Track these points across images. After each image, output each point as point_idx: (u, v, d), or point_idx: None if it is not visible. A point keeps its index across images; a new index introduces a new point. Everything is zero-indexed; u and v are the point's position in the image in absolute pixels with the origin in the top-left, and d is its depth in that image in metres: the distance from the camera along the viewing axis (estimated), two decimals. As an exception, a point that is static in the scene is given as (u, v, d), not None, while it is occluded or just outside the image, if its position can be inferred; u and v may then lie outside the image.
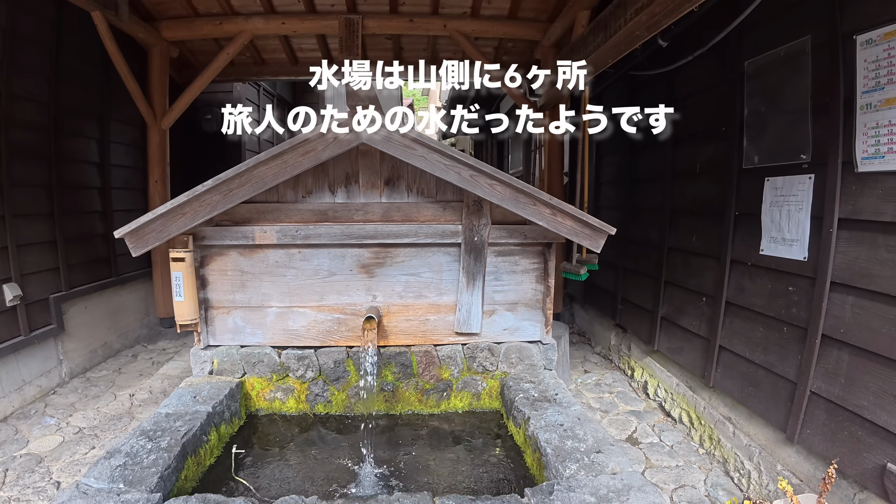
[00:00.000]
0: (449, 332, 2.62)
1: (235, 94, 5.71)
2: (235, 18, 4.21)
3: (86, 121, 4.25)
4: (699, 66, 3.22)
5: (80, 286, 4.16)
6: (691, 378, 3.29)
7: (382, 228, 2.45)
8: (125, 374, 4.22)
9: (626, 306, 4.13)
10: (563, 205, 2.30)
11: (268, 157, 2.22)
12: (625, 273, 4.13)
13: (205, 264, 2.58)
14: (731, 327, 2.92)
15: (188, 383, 2.59)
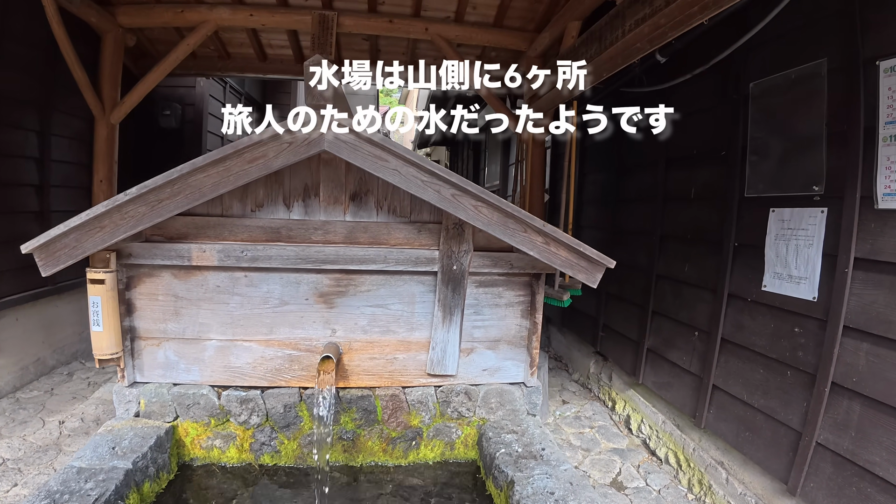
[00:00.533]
0: (420, 372, 2.18)
1: (198, 89, 5.12)
2: (199, 7, 3.68)
3: (25, 110, 3.64)
4: (698, 85, 2.91)
5: (10, 296, 3.53)
6: (679, 416, 2.94)
7: (346, 252, 2.00)
8: (57, 397, 3.60)
9: (607, 334, 3.78)
10: (557, 233, 1.90)
11: (206, 162, 1.74)
12: (607, 298, 3.78)
13: (132, 287, 2.07)
14: (727, 366, 2.59)
15: (108, 428, 2.09)
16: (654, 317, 3.20)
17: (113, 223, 1.80)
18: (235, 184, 1.79)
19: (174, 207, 1.81)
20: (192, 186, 1.78)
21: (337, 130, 1.74)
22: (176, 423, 2.17)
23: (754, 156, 2.50)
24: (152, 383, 2.17)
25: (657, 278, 3.17)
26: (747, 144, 2.52)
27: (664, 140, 3.16)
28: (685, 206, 2.98)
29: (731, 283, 2.58)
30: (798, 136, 2.24)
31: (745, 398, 2.42)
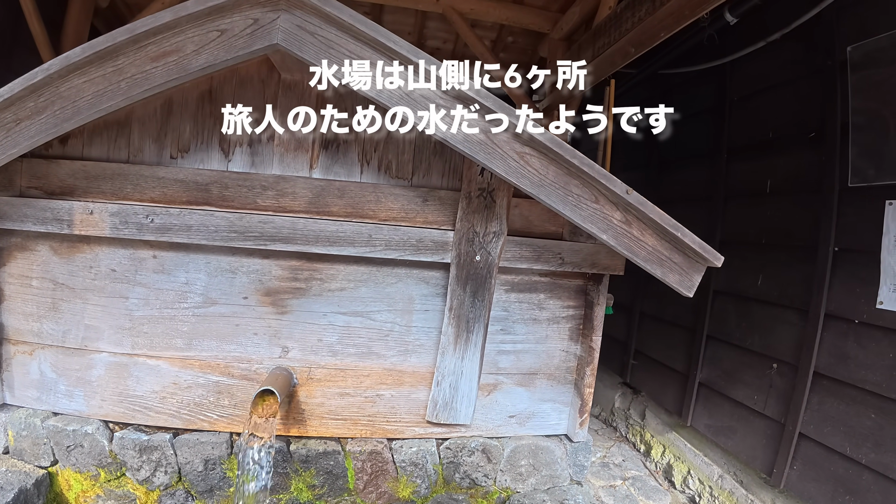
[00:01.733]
0: (416, 418, 1.33)
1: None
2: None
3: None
4: (773, 55, 2.17)
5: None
6: (745, 470, 2.10)
7: (309, 225, 1.18)
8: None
9: (641, 361, 2.93)
10: (645, 205, 1.10)
11: (85, 55, 0.95)
12: (641, 318, 2.95)
13: (0, 263, 1.24)
14: (822, 409, 1.80)
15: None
16: (709, 342, 2.37)
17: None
18: (129, 94, 0.99)
19: (37, 132, 1.02)
20: (65, 98, 0.99)
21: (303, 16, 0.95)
22: (54, 470, 1.33)
23: (860, 135, 1.79)
24: (24, 409, 1.33)
25: (715, 294, 2.36)
26: (848, 121, 1.79)
27: (725, 125, 2.42)
28: (757, 204, 2.20)
29: (829, 300, 1.82)
30: None
31: (848, 451, 1.70)
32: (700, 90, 2.62)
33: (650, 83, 2.97)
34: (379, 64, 0.99)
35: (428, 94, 1.00)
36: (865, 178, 1.76)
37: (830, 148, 1.85)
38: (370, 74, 0.99)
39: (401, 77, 0.99)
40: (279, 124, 1.12)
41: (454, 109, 1.01)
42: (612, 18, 2.44)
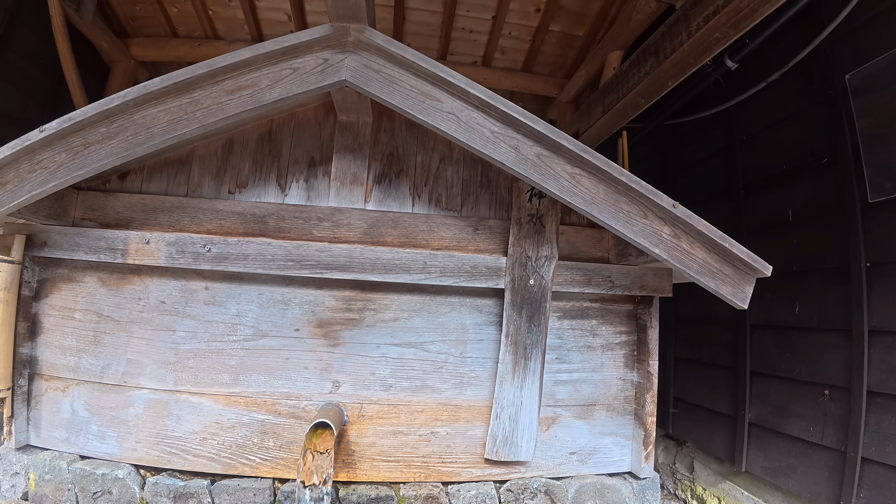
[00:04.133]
0: (474, 458, 1.25)
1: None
2: (217, 43, 3.24)
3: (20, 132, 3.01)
4: (773, 93, 2.32)
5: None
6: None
7: (364, 254, 1.19)
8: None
9: (682, 409, 2.78)
10: (692, 218, 1.12)
11: (163, 85, 1.02)
12: (676, 364, 2.85)
13: (42, 295, 1.25)
14: (881, 428, 1.70)
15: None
16: (753, 378, 2.27)
17: (18, 177, 1.06)
18: (203, 123, 1.05)
19: (106, 155, 1.06)
20: (137, 124, 1.05)
21: (368, 57, 1.04)
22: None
23: (871, 153, 1.85)
24: (50, 451, 1.26)
25: (752, 329, 2.30)
26: (858, 141, 1.87)
27: (738, 164, 2.52)
28: (781, 234, 2.22)
29: (870, 316, 1.77)
30: None
31: None
32: (708, 134, 2.76)
33: (659, 133, 3.12)
34: (433, 92, 1.06)
35: (484, 121, 1.06)
36: (884, 191, 1.80)
37: (845, 169, 1.91)
38: (424, 103, 1.06)
39: (453, 107, 1.05)
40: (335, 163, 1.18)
41: (507, 133, 1.06)
42: (619, 76, 2.65)
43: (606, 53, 2.88)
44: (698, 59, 2.06)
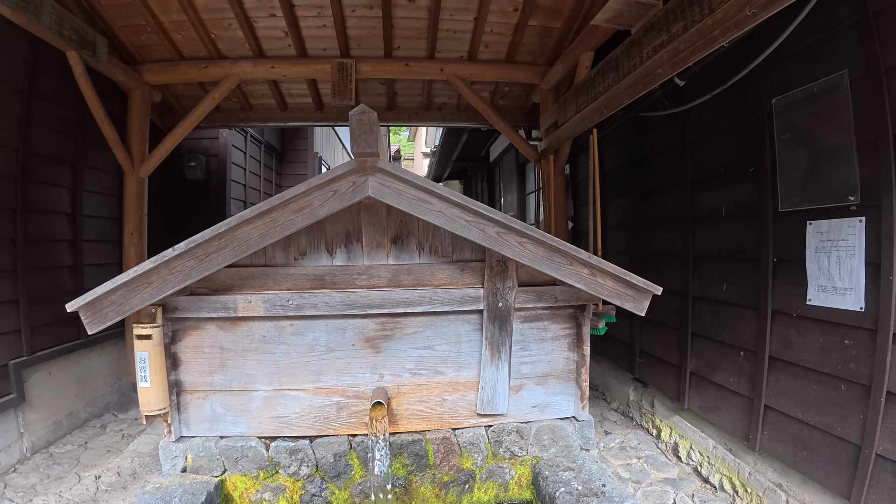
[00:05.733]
0: (470, 413, 2.13)
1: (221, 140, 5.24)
2: (222, 62, 3.81)
3: (58, 168, 3.73)
4: (717, 105, 2.92)
5: (44, 350, 3.54)
6: (731, 440, 2.82)
7: (390, 296, 1.98)
8: (91, 450, 3.55)
9: (644, 359, 3.68)
10: (603, 263, 1.88)
11: (253, 214, 1.75)
12: (641, 323, 3.70)
13: (177, 340, 2.06)
14: (778, 385, 2.50)
15: (156, 486, 2.03)
16: (694, 339, 3.12)
17: (161, 278, 1.80)
18: (282, 234, 1.79)
19: (221, 260, 1.81)
20: (238, 239, 1.79)
21: (382, 178, 1.75)
22: (224, 478, 2.12)
23: (785, 170, 2.47)
24: (199, 437, 2.13)
25: (694, 300, 3.10)
26: (776, 159, 2.50)
27: (688, 161, 3.16)
28: (717, 226, 2.94)
29: (774, 300, 2.52)
30: (827, 148, 2.22)
31: (800, 416, 2.34)
32: (669, 131, 3.36)
33: (632, 123, 3.70)
34: (428, 198, 1.78)
35: (461, 214, 1.79)
36: (791, 204, 2.45)
37: (764, 181, 2.56)
38: (421, 206, 1.78)
39: (441, 207, 1.78)
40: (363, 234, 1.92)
41: (477, 221, 1.80)
42: (588, 81, 3.24)
43: (579, 54, 3.43)
44: (647, 86, 2.65)
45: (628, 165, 3.80)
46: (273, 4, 3.36)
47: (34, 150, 3.43)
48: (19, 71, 3.30)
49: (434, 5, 3.37)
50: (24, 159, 3.32)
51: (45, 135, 3.55)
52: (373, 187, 1.77)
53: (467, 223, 1.79)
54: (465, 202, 1.78)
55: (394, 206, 1.81)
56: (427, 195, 1.77)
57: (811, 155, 2.30)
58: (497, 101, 4.52)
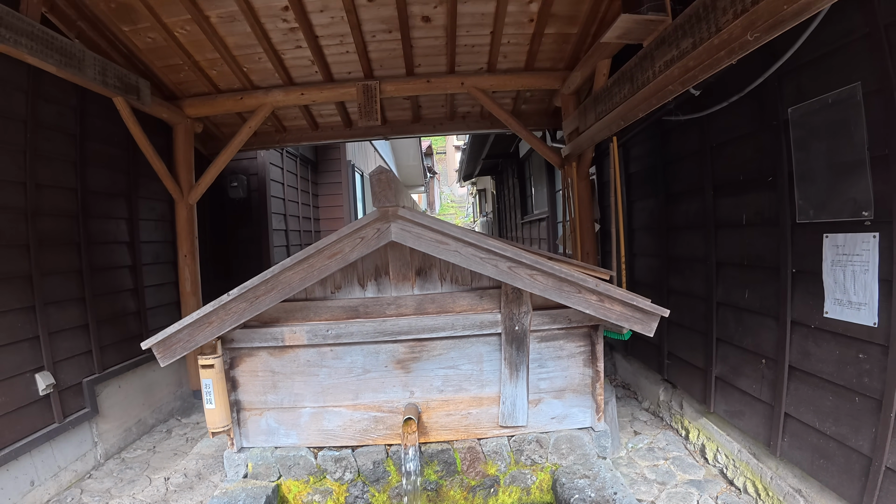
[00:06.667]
0: (493, 425, 2.42)
1: (259, 159, 5.71)
2: (255, 93, 4.19)
3: (114, 202, 4.26)
4: (735, 112, 3.01)
5: (113, 366, 4.12)
6: (755, 445, 2.98)
7: (417, 322, 2.29)
8: (159, 454, 4.11)
9: (673, 361, 3.85)
10: (610, 290, 2.10)
11: (294, 262, 2.10)
12: (668, 325, 3.85)
13: (234, 366, 2.46)
14: (797, 394, 2.63)
15: (223, 490, 2.45)
16: (718, 344, 3.27)
17: (219, 319, 2.19)
18: (319, 277, 2.13)
19: (269, 301, 2.17)
20: (282, 283, 2.14)
21: (402, 224, 2.05)
22: (279, 482, 2.52)
23: (802, 181, 2.54)
24: (257, 447, 2.53)
25: (717, 305, 3.24)
26: (793, 170, 2.57)
27: (708, 167, 3.27)
28: (738, 233, 3.05)
29: (793, 310, 2.62)
30: (842, 161, 2.29)
31: (818, 425, 2.45)
32: (690, 136, 3.46)
33: (655, 126, 3.80)
34: (444, 239, 2.07)
35: (475, 252, 2.06)
36: (808, 216, 2.54)
37: (782, 191, 2.65)
38: (439, 246, 2.07)
39: (456, 247, 2.06)
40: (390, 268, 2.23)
41: (490, 258, 2.07)
42: (606, 90, 3.39)
43: (596, 62, 3.57)
44: (660, 101, 2.77)
45: (652, 168, 3.92)
46: (298, 37, 3.69)
47: (91, 188, 3.93)
48: (70, 118, 3.77)
49: (450, 23, 3.59)
50: (83, 197, 3.83)
51: (99, 173, 4.05)
52: (395, 233, 2.07)
53: (481, 260, 2.07)
54: (478, 241, 2.05)
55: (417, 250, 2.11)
56: (444, 237, 2.05)
57: (826, 167, 2.38)
58: (520, 105, 4.70)
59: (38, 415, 3.34)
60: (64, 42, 3.05)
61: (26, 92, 3.38)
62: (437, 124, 4.91)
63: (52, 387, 3.43)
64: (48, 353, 3.46)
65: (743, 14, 2.01)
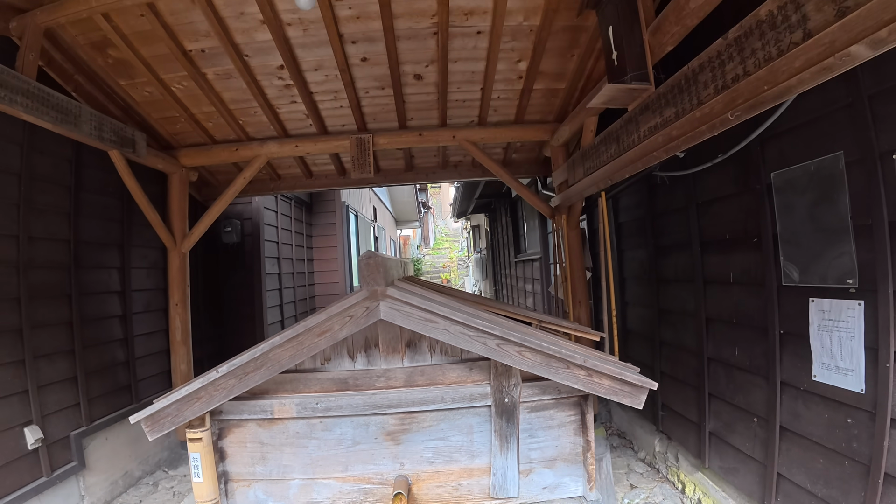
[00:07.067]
0: (484, 496, 2.39)
1: (254, 204, 5.76)
2: (251, 144, 4.25)
3: (106, 251, 4.25)
4: (719, 173, 3.07)
5: (100, 418, 4.06)
6: (750, 502, 2.96)
7: (406, 395, 2.29)
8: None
9: (667, 413, 3.83)
10: (598, 365, 2.11)
11: (283, 340, 2.10)
12: (662, 377, 3.85)
13: (223, 437, 2.43)
14: (789, 455, 2.63)
15: (210, 565, 2.39)
16: (711, 399, 3.26)
17: (208, 394, 2.17)
18: (308, 354, 2.13)
19: (258, 378, 2.17)
20: (272, 360, 2.14)
21: (391, 303, 2.06)
22: (267, 554, 2.47)
23: (786, 245, 2.58)
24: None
25: (709, 360, 3.25)
26: (778, 234, 2.61)
27: (695, 223, 3.32)
28: (726, 290, 3.09)
29: (782, 371, 2.64)
30: (825, 228, 2.33)
31: (809, 487, 2.45)
32: (676, 192, 3.52)
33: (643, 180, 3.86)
34: (433, 318, 2.08)
35: (464, 331, 2.08)
36: (792, 279, 2.57)
37: (767, 253, 2.68)
38: (428, 325, 2.08)
39: (445, 325, 2.07)
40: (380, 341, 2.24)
41: (478, 335, 2.08)
42: (593, 148, 3.46)
43: (583, 119, 3.65)
44: (645, 165, 2.83)
45: (641, 220, 3.97)
46: (293, 93, 3.77)
47: (84, 238, 3.93)
48: (64, 170, 3.79)
49: (441, 81, 3.68)
50: (75, 248, 3.83)
51: (93, 223, 4.05)
52: (384, 311, 2.08)
53: (469, 337, 2.08)
54: (466, 320, 2.06)
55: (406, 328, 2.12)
56: (432, 315, 2.07)
57: (811, 233, 2.42)
58: (510, 154, 4.78)
59: (26, 469, 3.29)
60: (60, 99, 3.07)
61: (21, 145, 3.40)
62: (429, 173, 4.98)
63: (41, 441, 3.38)
64: (37, 407, 3.42)
65: (724, 90, 2.08)
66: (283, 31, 3.20)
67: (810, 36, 1.60)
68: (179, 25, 3.19)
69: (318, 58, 3.42)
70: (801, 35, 1.66)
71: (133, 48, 3.30)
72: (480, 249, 12.96)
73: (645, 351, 4.11)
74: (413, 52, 3.40)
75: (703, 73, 2.22)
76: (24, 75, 2.82)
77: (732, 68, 2.02)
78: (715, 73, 2.14)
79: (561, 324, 2.96)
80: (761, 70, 1.84)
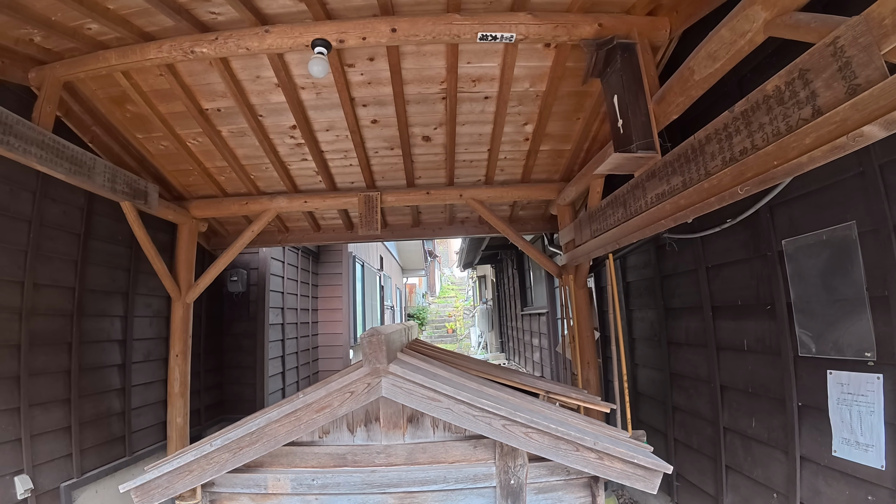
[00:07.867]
0: (491, 583, 2.21)
1: (261, 255, 5.76)
2: (261, 198, 4.29)
3: (111, 299, 4.21)
4: (729, 237, 3.02)
5: (92, 470, 3.91)
6: (775, 589, 2.72)
7: (407, 474, 2.15)
8: (135, 573, 3.79)
9: (682, 483, 3.62)
10: (610, 448, 1.99)
11: (281, 416, 2.01)
12: (676, 445, 3.67)
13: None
14: None
15: None
16: (728, 472, 3.08)
17: (200, 468, 2.06)
18: (306, 430, 2.03)
19: (253, 453, 2.06)
20: (268, 435, 2.04)
21: (392, 380, 1.98)
22: None
23: (801, 314, 2.49)
24: None
25: (725, 430, 3.09)
26: (791, 302, 2.52)
27: (705, 287, 3.24)
28: (740, 358, 2.97)
29: (801, 446, 2.50)
30: (840, 299, 2.24)
31: None
32: (685, 254, 3.46)
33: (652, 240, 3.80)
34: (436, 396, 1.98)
35: (468, 410, 1.97)
36: (809, 350, 2.46)
37: (782, 321, 2.59)
38: (430, 403, 1.98)
39: (448, 404, 1.97)
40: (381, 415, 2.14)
41: (482, 416, 1.97)
42: (600, 210, 3.43)
43: (590, 180, 3.64)
44: (653, 231, 2.78)
45: (650, 280, 3.90)
46: (304, 151, 3.82)
47: (89, 286, 3.90)
48: (76, 217, 3.80)
49: (450, 142, 3.72)
50: (79, 296, 3.79)
51: (99, 270, 4.02)
52: (385, 388, 1.99)
53: (474, 417, 1.97)
54: (470, 400, 1.96)
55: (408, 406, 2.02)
56: (435, 394, 1.97)
57: (825, 303, 2.33)
58: (517, 212, 4.79)
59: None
60: (75, 151, 3.09)
61: (34, 192, 3.42)
62: (436, 229, 4.98)
63: (31, 491, 3.26)
64: (28, 457, 3.31)
65: (732, 163, 2.05)
66: (296, 94, 3.27)
67: (820, 113, 1.58)
68: (197, 86, 3.27)
69: (330, 119, 3.49)
70: (810, 111, 1.64)
71: (151, 104, 3.39)
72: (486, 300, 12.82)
73: (657, 416, 3.93)
74: (422, 115, 3.46)
75: (710, 145, 2.21)
76: (39, 126, 2.85)
77: (740, 141, 2.00)
78: (722, 144, 2.13)
79: (569, 395, 2.84)
80: (770, 145, 1.82)
